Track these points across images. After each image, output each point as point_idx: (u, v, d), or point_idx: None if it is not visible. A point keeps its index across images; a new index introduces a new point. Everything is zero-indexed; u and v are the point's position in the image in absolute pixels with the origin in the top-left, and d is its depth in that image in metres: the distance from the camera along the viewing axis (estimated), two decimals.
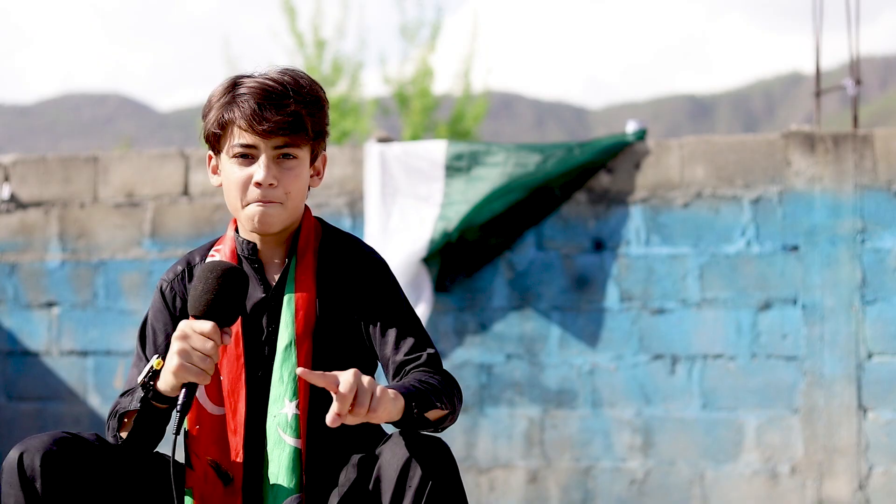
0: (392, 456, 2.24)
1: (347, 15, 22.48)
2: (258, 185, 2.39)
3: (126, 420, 2.38)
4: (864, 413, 5.14)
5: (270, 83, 2.39)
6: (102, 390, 5.84)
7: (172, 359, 2.25)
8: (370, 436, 2.49)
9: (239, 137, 2.40)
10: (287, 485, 2.36)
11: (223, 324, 2.28)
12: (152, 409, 2.33)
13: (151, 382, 2.30)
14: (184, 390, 2.25)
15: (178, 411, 2.25)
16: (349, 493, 2.33)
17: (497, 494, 5.49)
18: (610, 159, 5.41)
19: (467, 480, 5.50)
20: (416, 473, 2.21)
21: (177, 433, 2.25)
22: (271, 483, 2.36)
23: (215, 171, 2.50)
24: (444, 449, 2.25)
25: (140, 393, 2.32)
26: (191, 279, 2.50)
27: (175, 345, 2.25)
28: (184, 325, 2.27)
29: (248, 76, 2.44)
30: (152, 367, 2.30)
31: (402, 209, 5.54)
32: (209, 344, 2.24)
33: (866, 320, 5.15)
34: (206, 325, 2.25)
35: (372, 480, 2.26)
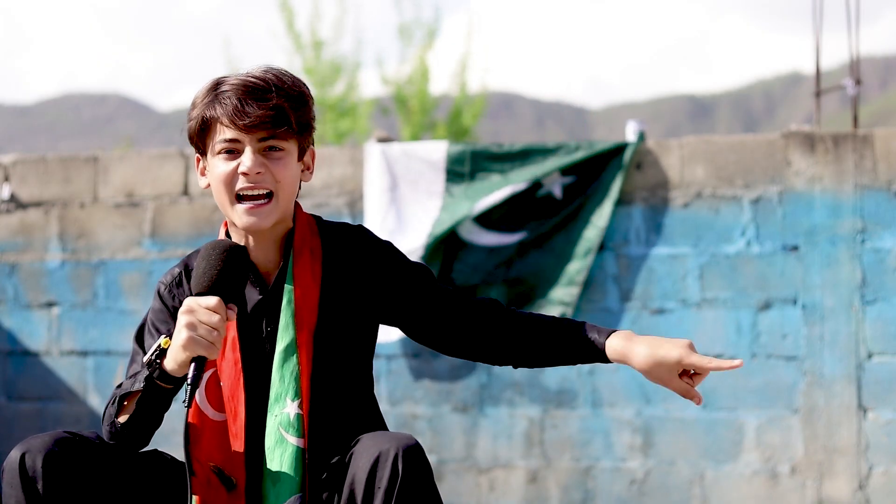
0: (361, 457, 2.25)
1: (345, 15, 22.49)
2: (245, 174, 2.38)
3: (126, 403, 2.37)
4: (864, 413, 5.14)
5: (252, 80, 2.39)
6: (102, 390, 5.84)
7: (180, 332, 2.26)
8: (377, 429, 2.50)
9: (222, 133, 2.39)
10: (289, 484, 2.35)
11: (227, 299, 2.30)
12: (156, 389, 2.32)
13: (158, 361, 2.31)
14: (192, 364, 2.26)
15: (188, 384, 2.26)
16: (328, 496, 2.33)
17: (497, 494, 5.49)
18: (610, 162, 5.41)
19: (467, 480, 5.51)
20: (384, 474, 2.20)
21: (188, 406, 2.27)
22: (273, 482, 2.36)
23: (203, 172, 2.49)
24: (415, 447, 2.24)
25: (145, 372, 2.32)
26: (188, 280, 2.50)
27: (182, 319, 2.26)
28: (189, 301, 2.28)
29: (232, 76, 2.44)
30: (160, 345, 2.31)
31: (403, 209, 5.54)
32: (215, 317, 2.26)
33: (866, 320, 5.15)
34: (212, 300, 2.27)
35: (345, 483, 2.27)
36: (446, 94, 20.42)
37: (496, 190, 5.41)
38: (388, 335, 5.47)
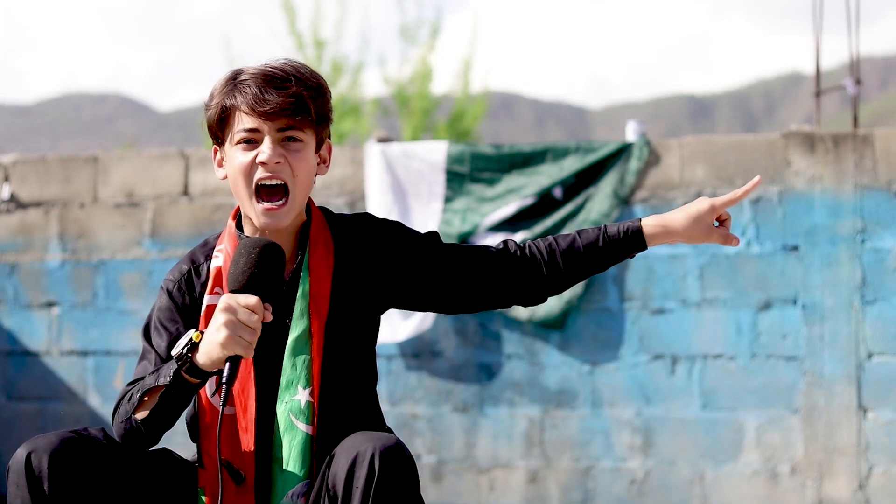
0: (340, 457, 2.26)
1: (347, 15, 22.49)
2: (263, 164, 2.38)
3: (147, 399, 2.35)
4: (864, 413, 5.14)
5: (271, 69, 2.41)
6: (102, 390, 5.84)
7: (220, 331, 2.24)
8: (377, 424, 2.52)
9: (241, 123, 2.40)
10: (297, 470, 2.37)
11: (264, 299, 2.29)
12: (182, 384, 2.31)
13: (189, 355, 2.29)
14: (228, 363, 2.26)
15: (224, 384, 2.25)
16: (316, 495, 2.34)
17: (497, 494, 5.50)
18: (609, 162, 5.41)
19: (467, 480, 5.51)
20: (361, 474, 2.21)
21: (223, 406, 2.26)
22: (281, 469, 2.38)
23: (221, 164, 2.49)
24: (394, 447, 2.23)
25: (173, 366, 2.30)
26: (197, 276, 2.50)
27: (221, 317, 2.25)
28: (228, 299, 2.27)
29: (250, 67, 2.45)
30: (191, 339, 2.29)
31: (404, 210, 5.54)
32: (254, 317, 2.25)
33: (866, 320, 5.15)
34: (252, 299, 2.26)
35: (326, 484, 2.27)
36: (448, 94, 20.40)
37: (503, 196, 5.42)
38: (394, 335, 5.47)
